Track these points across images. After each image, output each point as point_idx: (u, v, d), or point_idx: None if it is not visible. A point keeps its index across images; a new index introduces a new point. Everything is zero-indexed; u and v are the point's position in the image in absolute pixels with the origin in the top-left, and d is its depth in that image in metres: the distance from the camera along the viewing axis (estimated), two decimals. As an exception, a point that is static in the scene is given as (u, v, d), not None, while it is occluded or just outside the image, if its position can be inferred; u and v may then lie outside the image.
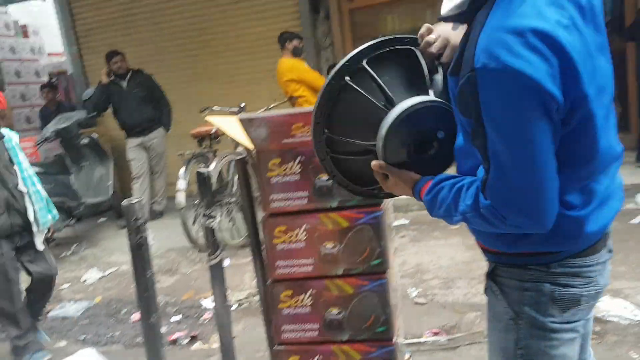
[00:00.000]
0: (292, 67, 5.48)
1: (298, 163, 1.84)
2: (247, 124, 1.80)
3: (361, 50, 1.29)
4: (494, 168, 1.08)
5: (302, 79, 5.42)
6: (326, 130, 1.33)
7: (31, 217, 3.21)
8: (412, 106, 1.21)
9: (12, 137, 3.29)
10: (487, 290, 1.31)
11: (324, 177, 1.82)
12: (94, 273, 4.97)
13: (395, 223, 5.01)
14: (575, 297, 1.21)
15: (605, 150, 1.18)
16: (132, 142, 6.43)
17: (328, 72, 6.25)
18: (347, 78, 1.27)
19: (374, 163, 1.27)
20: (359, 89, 1.26)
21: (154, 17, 7.39)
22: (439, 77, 1.32)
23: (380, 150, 1.24)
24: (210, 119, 2.15)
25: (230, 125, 2.07)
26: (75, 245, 5.91)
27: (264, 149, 1.85)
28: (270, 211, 1.87)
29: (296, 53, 5.57)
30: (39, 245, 3.26)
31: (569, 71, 1.01)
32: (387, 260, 1.84)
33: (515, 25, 0.99)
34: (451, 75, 1.18)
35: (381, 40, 1.30)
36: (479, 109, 1.04)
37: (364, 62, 1.27)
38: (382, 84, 1.27)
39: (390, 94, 1.26)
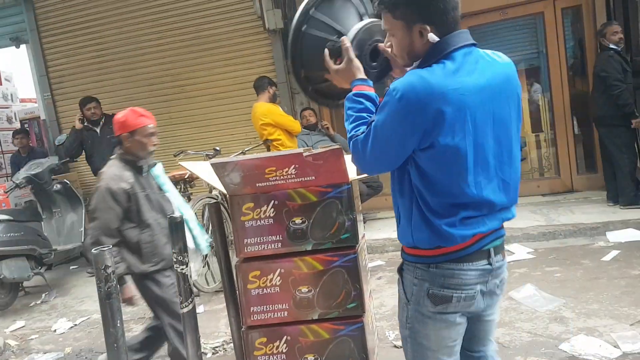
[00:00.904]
0: (268, 111, 5.56)
1: (271, 207, 1.85)
2: (219, 168, 1.81)
3: (308, 2, 1.76)
4: (368, 132, 1.59)
5: (277, 122, 5.50)
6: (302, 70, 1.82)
7: (191, 245, 3.06)
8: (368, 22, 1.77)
9: (156, 165, 3.20)
10: (398, 279, 1.73)
11: (298, 220, 1.83)
12: (64, 323, 4.82)
13: (371, 264, 5.01)
14: (446, 297, 1.61)
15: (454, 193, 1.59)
16: None
17: (300, 115, 6.39)
18: (303, 28, 1.75)
19: (343, 39, 1.73)
20: (312, 32, 1.76)
21: (127, 64, 7.45)
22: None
23: (349, 39, 1.73)
24: (184, 164, 2.15)
25: (203, 170, 2.08)
26: (45, 294, 5.74)
27: (237, 193, 1.85)
28: (245, 255, 1.86)
29: (274, 99, 5.72)
30: (194, 273, 3.11)
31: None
32: (363, 303, 1.83)
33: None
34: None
35: None
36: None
37: (312, 11, 1.75)
38: (330, 22, 1.77)
39: (339, 26, 1.77)
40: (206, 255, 4.99)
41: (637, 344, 2.97)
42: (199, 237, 3.09)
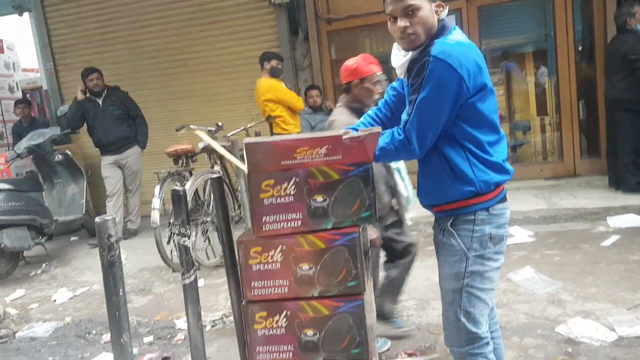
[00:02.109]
0: (271, 87, 5.51)
1: (292, 185, 1.82)
2: (251, 148, 1.77)
3: None
4: (414, 114, 1.77)
5: (279, 99, 5.45)
6: None
7: (404, 192, 3.05)
8: None
9: None
10: (442, 236, 1.90)
11: (320, 198, 1.81)
12: (64, 293, 4.86)
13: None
14: (502, 236, 1.86)
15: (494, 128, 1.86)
16: (107, 160, 6.37)
17: (305, 94, 6.32)
18: None
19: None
20: None
21: (131, 35, 7.39)
22: None
23: None
24: (200, 133, 2.11)
25: (217, 143, 2.05)
26: (45, 264, 5.77)
27: (258, 171, 1.83)
28: (263, 234, 1.85)
29: (273, 73, 5.57)
30: (408, 220, 3.15)
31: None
32: (363, 282, 1.83)
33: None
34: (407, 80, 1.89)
35: None
36: (422, 81, 1.74)
37: None
38: None
39: None
40: (207, 230, 5.01)
41: (634, 328, 2.99)
42: (409, 186, 3.08)
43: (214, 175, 1.88)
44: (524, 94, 7.96)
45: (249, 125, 5.67)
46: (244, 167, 1.81)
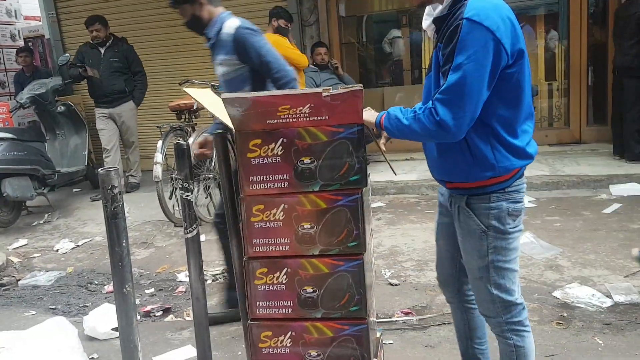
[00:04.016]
0: (274, 42, 5.35)
1: (280, 145, 1.81)
2: (230, 103, 1.76)
3: None
4: (447, 83, 1.58)
5: (283, 55, 5.34)
6: None
7: None
8: None
9: None
10: (457, 215, 1.82)
11: (307, 160, 1.79)
12: (67, 243, 4.91)
13: (372, 206, 5.04)
14: (519, 209, 1.78)
15: (527, 104, 1.73)
16: (100, 112, 6.30)
17: (312, 51, 6.20)
18: None
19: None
20: None
21: (135, -16, 7.22)
22: None
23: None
24: (189, 91, 2.06)
25: (208, 99, 2.02)
26: (48, 214, 5.81)
27: (245, 129, 1.81)
28: (249, 193, 1.85)
29: (279, 32, 5.46)
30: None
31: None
32: (363, 242, 1.84)
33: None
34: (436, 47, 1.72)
35: None
36: (455, 47, 1.56)
37: None
38: None
39: None
40: (209, 187, 5.02)
41: (630, 295, 3.02)
42: None
43: (218, 131, 1.86)
44: (534, 57, 7.84)
45: (253, 82, 5.60)
46: (231, 124, 1.79)
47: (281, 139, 1.79)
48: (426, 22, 1.77)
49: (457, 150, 1.73)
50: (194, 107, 5.26)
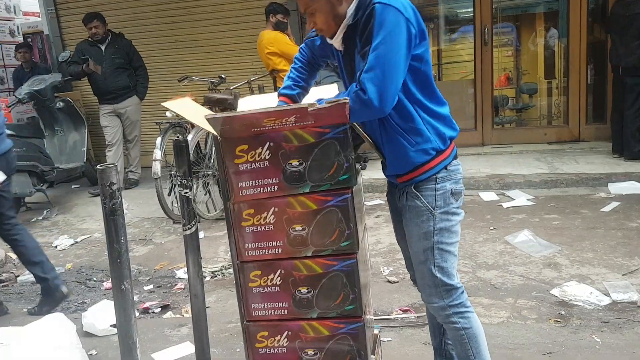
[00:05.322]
0: (274, 39, 5.40)
1: (267, 149, 1.80)
2: (215, 123, 1.75)
3: None
4: (369, 62, 1.69)
5: (283, 52, 5.35)
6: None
7: None
8: None
9: None
10: (405, 200, 1.92)
11: (295, 162, 1.79)
12: (65, 239, 4.91)
13: (370, 203, 5.04)
14: (460, 190, 1.93)
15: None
16: (105, 109, 6.31)
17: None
18: None
19: None
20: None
21: (134, -20, 7.20)
22: None
23: None
24: (168, 104, 1.96)
25: (190, 109, 1.98)
26: (46, 210, 5.81)
27: (230, 136, 1.81)
28: (240, 199, 1.84)
29: (278, 27, 5.44)
30: None
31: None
32: (356, 241, 1.84)
33: None
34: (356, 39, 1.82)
35: None
36: (372, 29, 1.69)
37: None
38: None
39: None
40: (208, 183, 5.02)
41: (628, 293, 3.03)
42: None
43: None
44: (533, 55, 7.83)
45: (252, 79, 5.60)
46: (215, 132, 1.78)
47: (268, 143, 1.79)
48: (337, 40, 1.87)
49: (396, 136, 1.85)
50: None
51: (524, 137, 6.51)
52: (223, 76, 5.27)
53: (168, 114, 4.78)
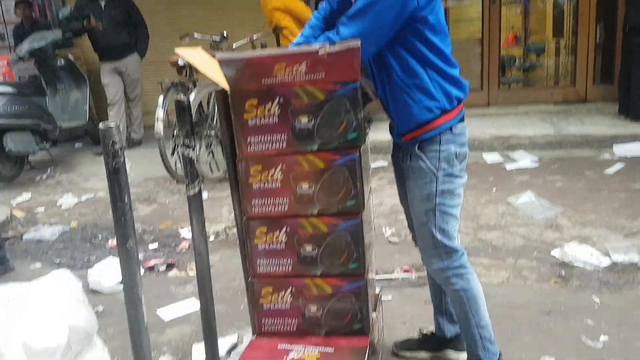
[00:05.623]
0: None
1: (276, 105, 1.78)
2: (225, 64, 1.73)
3: None
4: (355, 7, 1.69)
5: (288, 8, 5.23)
6: None
7: None
8: None
9: None
10: (410, 161, 1.90)
11: (304, 119, 1.77)
12: (70, 198, 4.93)
13: (374, 165, 5.03)
14: (464, 153, 1.91)
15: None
16: (106, 67, 6.25)
17: (316, 6, 6.06)
18: None
19: None
20: None
21: None
22: None
23: None
24: (180, 51, 1.95)
25: (202, 59, 1.96)
26: (50, 169, 5.83)
27: (240, 89, 1.79)
28: (247, 155, 1.84)
29: None
30: None
31: None
32: (362, 201, 1.84)
33: None
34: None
35: None
36: None
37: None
38: None
39: None
40: (211, 144, 5.01)
41: (629, 254, 3.04)
42: None
43: (219, 88, 1.84)
44: (541, 14, 7.67)
45: (254, 37, 5.50)
46: (226, 84, 1.76)
47: (278, 98, 1.77)
48: None
49: (400, 92, 1.83)
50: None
51: (530, 98, 6.44)
52: (225, 34, 5.18)
53: (180, 61, 4.72)
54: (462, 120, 1.91)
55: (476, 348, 1.99)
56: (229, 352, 2.46)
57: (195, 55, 1.96)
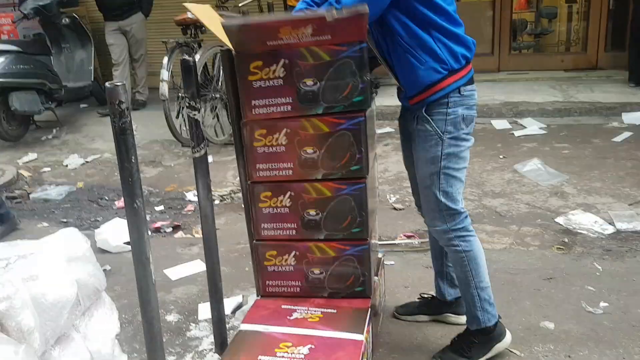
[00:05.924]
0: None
1: (281, 66, 1.76)
2: (230, 29, 1.70)
3: None
4: None
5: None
6: None
7: None
8: None
9: None
10: (416, 124, 1.89)
11: (310, 81, 1.75)
12: (76, 159, 4.96)
13: (380, 131, 5.01)
14: (472, 115, 1.90)
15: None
16: (110, 26, 6.17)
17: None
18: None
19: None
20: None
21: None
22: None
23: None
24: (189, 6, 1.92)
25: (210, 16, 1.93)
26: (56, 129, 5.83)
27: (245, 51, 1.76)
28: (252, 117, 1.83)
29: None
30: None
31: None
32: (366, 166, 1.84)
33: None
34: None
35: None
36: None
37: None
38: None
39: None
40: (216, 107, 4.98)
41: (633, 223, 3.05)
42: None
43: (225, 48, 1.82)
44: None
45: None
46: (230, 44, 1.74)
47: (283, 60, 1.75)
48: None
49: (405, 54, 1.81)
50: (200, 22, 5.11)
51: (540, 64, 6.35)
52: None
53: (189, 14, 4.66)
54: (471, 82, 1.89)
55: (475, 309, 2.01)
56: (234, 311, 2.50)
57: (203, 11, 1.93)
